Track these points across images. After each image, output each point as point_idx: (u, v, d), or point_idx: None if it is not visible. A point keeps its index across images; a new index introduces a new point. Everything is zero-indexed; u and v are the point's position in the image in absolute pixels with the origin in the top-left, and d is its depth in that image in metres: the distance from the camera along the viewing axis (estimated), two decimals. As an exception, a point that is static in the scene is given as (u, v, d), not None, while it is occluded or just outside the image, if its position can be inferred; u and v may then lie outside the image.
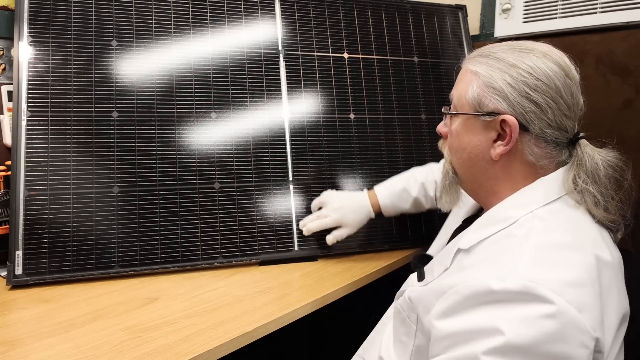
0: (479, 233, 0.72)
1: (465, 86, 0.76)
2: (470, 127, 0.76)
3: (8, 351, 0.75)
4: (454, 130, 0.79)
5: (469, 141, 0.77)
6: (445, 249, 0.80)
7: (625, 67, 1.30)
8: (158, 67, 1.16)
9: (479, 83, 0.74)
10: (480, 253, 0.70)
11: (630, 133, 1.29)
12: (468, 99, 0.75)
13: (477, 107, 0.74)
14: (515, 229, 0.68)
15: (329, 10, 1.36)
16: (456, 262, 0.74)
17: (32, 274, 1.01)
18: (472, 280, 0.63)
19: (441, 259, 0.78)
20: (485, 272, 0.63)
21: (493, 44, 0.78)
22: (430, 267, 0.81)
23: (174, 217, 1.11)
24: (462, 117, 0.77)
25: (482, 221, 0.75)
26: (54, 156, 1.06)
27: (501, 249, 0.67)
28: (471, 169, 0.78)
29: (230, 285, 1.02)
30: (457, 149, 0.79)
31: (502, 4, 1.48)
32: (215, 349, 0.77)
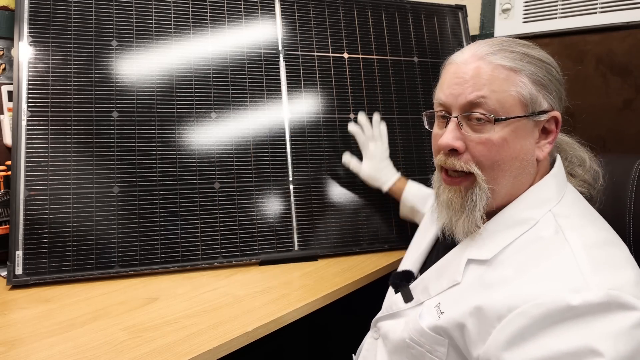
0: (497, 240, 0.66)
1: (507, 85, 0.65)
2: (521, 131, 0.66)
3: (8, 351, 0.75)
4: (499, 139, 0.65)
5: (521, 147, 0.67)
6: (443, 262, 0.73)
7: (625, 67, 1.30)
8: (158, 67, 1.16)
9: (526, 80, 0.66)
10: (510, 262, 0.63)
11: (630, 133, 1.29)
12: (524, 99, 0.65)
13: (531, 107, 0.66)
14: (539, 231, 0.64)
15: (329, 10, 1.36)
16: (471, 275, 0.67)
17: (32, 273, 1.01)
18: (539, 297, 0.55)
19: (441, 274, 0.71)
20: (547, 285, 0.56)
21: (488, 39, 0.72)
22: (423, 285, 0.74)
23: (174, 217, 1.11)
24: (513, 122, 0.65)
25: (496, 226, 0.68)
26: (54, 156, 1.06)
27: (539, 255, 0.61)
28: (518, 177, 0.68)
29: (230, 285, 1.02)
30: (504, 160, 0.66)
31: (502, 4, 1.48)
32: (215, 349, 0.77)
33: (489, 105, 0.65)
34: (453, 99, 0.68)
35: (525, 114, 0.66)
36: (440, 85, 0.72)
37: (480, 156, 0.67)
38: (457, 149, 0.68)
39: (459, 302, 0.66)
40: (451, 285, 0.69)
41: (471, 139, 0.67)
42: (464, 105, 0.67)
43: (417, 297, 0.75)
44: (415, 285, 0.76)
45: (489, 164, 0.66)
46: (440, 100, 0.71)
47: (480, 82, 0.66)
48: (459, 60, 0.70)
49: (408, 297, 0.76)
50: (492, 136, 0.65)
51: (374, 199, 1.28)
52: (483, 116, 0.65)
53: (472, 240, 0.70)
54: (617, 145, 1.31)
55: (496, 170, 0.66)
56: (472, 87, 0.66)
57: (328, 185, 1.26)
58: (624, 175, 0.87)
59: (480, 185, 0.67)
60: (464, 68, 0.68)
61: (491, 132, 0.66)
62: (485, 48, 0.68)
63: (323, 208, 1.24)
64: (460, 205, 0.69)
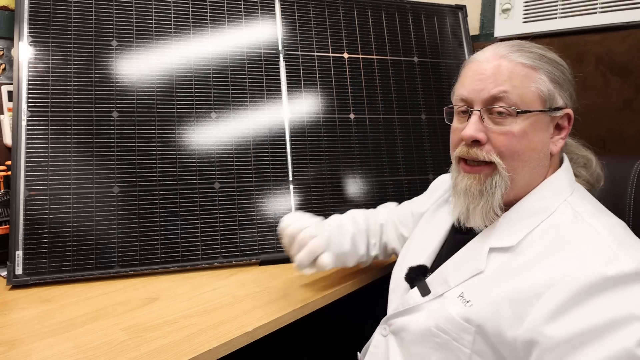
0: (518, 228, 0.70)
1: (527, 81, 0.71)
2: (539, 125, 0.71)
3: (8, 351, 0.75)
4: (520, 131, 0.70)
5: (539, 140, 0.72)
6: (463, 253, 0.75)
7: (625, 67, 1.30)
8: (158, 67, 1.16)
9: (545, 78, 0.71)
10: (535, 247, 0.67)
11: (630, 133, 1.29)
12: (543, 95, 0.71)
13: (548, 103, 0.71)
14: (558, 217, 0.69)
15: (329, 10, 1.36)
16: (495, 263, 0.70)
17: (32, 273, 1.01)
18: (575, 272, 0.59)
19: (461, 265, 0.73)
20: (581, 261, 0.60)
21: (506, 41, 0.77)
22: (441, 277, 0.75)
23: (174, 217, 1.11)
24: (532, 115, 0.70)
25: (515, 215, 0.72)
26: (54, 156, 1.06)
27: (565, 237, 0.65)
28: (535, 169, 0.73)
29: (230, 285, 1.02)
30: (524, 151, 0.71)
31: (502, 4, 1.48)
32: (215, 349, 0.77)
33: (511, 99, 0.70)
34: (475, 94, 0.72)
35: (544, 109, 0.71)
36: (462, 82, 0.76)
37: (501, 146, 0.70)
38: (479, 140, 0.71)
39: (487, 289, 0.68)
40: (474, 274, 0.71)
41: (493, 131, 0.71)
42: (487, 100, 0.71)
43: (435, 289, 0.75)
44: (432, 279, 0.77)
45: (509, 154, 0.70)
46: (462, 96, 0.75)
47: (502, 78, 0.71)
48: (480, 58, 0.74)
49: (425, 291, 0.76)
50: (512, 128, 0.70)
51: (373, 199, 1.28)
52: (504, 109, 0.70)
53: (492, 231, 0.73)
54: (617, 145, 1.30)
55: (516, 160, 0.70)
56: (494, 83, 0.71)
57: (328, 185, 1.26)
58: (623, 176, 0.87)
59: (500, 173, 0.70)
60: (485, 65, 0.72)
61: (512, 125, 0.70)
62: (505, 48, 0.73)
63: (323, 208, 1.24)
64: (478, 192, 0.72)
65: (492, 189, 0.71)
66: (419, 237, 0.92)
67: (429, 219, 0.93)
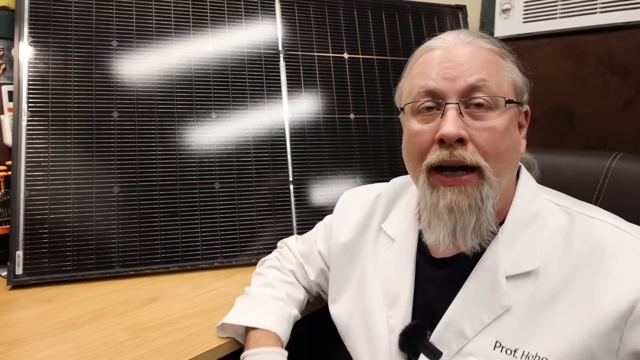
0: (527, 245, 0.60)
1: (501, 70, 0.62)
2: (515, 120, 0.62)
3: (8, 351, 0.75)
4: (503, 126, 0.59)
5: (516, 137, 0.63)
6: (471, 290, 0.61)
7: (625, 67, 1.30)
8: (158, 67, 1.16)
9: (514, 67, 0.63)
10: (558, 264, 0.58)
11: (630, 133, 1.29)
12: (517, 86, 0.63)
13: (520, 96, 0.63)
14: (553, 220, 0.62)
15: (329, 10, 1.36)
16: (519, 293, 0.58)
17: (32, 273, 1.01)
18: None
19: (474, 306, 0.60)
20: (634, 267, 0.54)
21: (453, 30, 0.67)
22: (453, 330, 0.61)
23: (174, 217, 1.11)
24: (511, 109, 0.61)
25: (513, 230, 0.62)
26: (55, 156, 1.06)
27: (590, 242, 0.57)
28: (513, 172, 0.63)
29: (230, 285, 1.02)
30: (507, 150, 0.60)
31: (502, 4, 1.48)
32: (215, 349, 0.77)
33: (490, 89, 0.59)
34: (447, 83, 0.60)
35: (517, 101, 0.62)
36: (422, 74, 0.63)
37: (486, 145, 0.58)
38: (463, 139, 0.58)
39: (534, 329, 0.57)
40: (498, 314, 0.58)
41: (475, 127, 0.59)
42: (464, 90, 0.59)
43: (448, 348, 0.61)
44: (438, 335, 0.62)
45: (494, 154, 0.59)
46: (428, 88, 0.61)
47: (478, 64, 0.60)
48: (444, 45, 0.63)
49: (436, 354, 0.61)
50: (495, 123, 0.59)
51: (374, 199, 1.28)
52: (485, 101, 0.59)
53: (493, 253, 0.61)
54: (617, 145, 1.31)
55: (500, 161, 0.60)
56: (471, 70, 0.59)
57: (328, 185, 1.26)
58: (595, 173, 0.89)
59: (489, 180, 0.58)
60: (454, 52, 0.61)
61: (494, 119, 0.59)
62: (467, 35, 0.64)
63: (323, 208, 1.24)
64: (468, 207, 0.59)
65: (482, 201, 0.58)
66: (371, 281, 0.73)
67: (367, 253, 0.77)
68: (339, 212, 0.87)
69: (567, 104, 1.39)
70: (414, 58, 0.68)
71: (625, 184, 0.85)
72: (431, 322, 0.64)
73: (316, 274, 0.87)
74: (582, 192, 0.88)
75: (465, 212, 0.59)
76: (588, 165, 0.91)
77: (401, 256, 0.71)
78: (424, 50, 0.66)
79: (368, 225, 0.80)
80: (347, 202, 0.87)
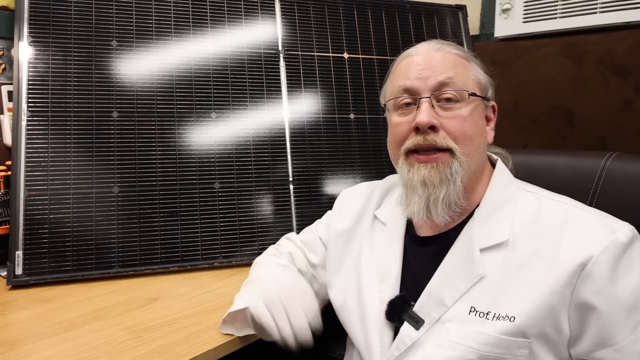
0: (498, 222, 0.69)
1: (466, 70, 0.74)
2: (480, 112, 0.74)
3: (8, 351, 0.75)
4: (467, 115, 0.71)
5: (482, 126, 0.74)
6: (447, 265, 0.69)
7: (625, 67, 1.30)
8: (158, 67, 1.16)
9: (478, 68, 0.76)
10: (526, 237, 0.67)
11: (630, 133, 1.29)
12: (481, 84, 0.75)
13: (485, 92, 0.75)
14: (523, 204, 0.71)
15: (329, 10, 1.36)
16: (492, 263, 0.66)
17: (32, 274, 1.01)
18: (598, 246, 0.61)
19: (452, 277, 0.68)
20: (593, 236, 0.63)
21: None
22: (433, 300, 0.68)
23: (174, 217, 1.11)
24: (475, 101, 0.73)
25: (487, 210, 0.71)
26: (54, 156, 1.06)
27: (554, 218, 0.67)
28: (481, 157, 0.74)
29: (230, 285, 1.02)
30: (474, 135, 0.71)
31: (502, 4, 1.48)
32: (215, 349, 0.77)
33: (457, 84, 0.71)
34: (421, 82, 0.72)
35: (481, 95, 0.74)
36: (402, 75, 0.75)
37: (455, 130, 0.70)
38: (434, 126, 0.69)
39: (505, 293, 0.64)
40: (473, 282, 0.66)
41: (445, 116, 0.70)
42: (435, 86, 0.71)
43: (429, 316, 0.68)
44: (420, 305, 0.69)
45: (462, 137, 0.70)
46: (405, 86, 0.73)
47: (445, 65, 0.72)
48: (418, 52, 0.76)
49: (418, 322, 0.68)
50: (462, 112, 0.70)
51: (374, 199, 1.28)
52: (452, 95, 0.71)
53: (470, 230, 0.70)
54: (617, 145, 1.30)
55: (469, 144, 0.70)
56: (440, 70, 0.72)
57: (328, 185, 1.26)
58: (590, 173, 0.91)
59: (458, 158, 0.69)
60: (427, 56, 0.74)
61: (461, 110, 0.71)
62: (436, 43, 0.76)
63: (323, 208, 1.24)
64: (439, 180, 0.68)
65: (452, 175, 0.68)
66: (365, 261, 0.81)
67: (362, 238, 0.84)
68: (337, 206, 0.95)
69: (567, 104, 1.39)
70: (395, 64, 0.80)
71: (620, 183, 0.87)
72: (416, 294, 0.71)
73: (320, 259, 0.93)
74: (578, 191, 0.88)
75: (436, 185, 0.69)
76: (583, 165, 0.92)
77: (391, 237, 0.80)
78: (402, 57, 0.78)
79: (363, 214, 0.88)
80: (345, 197, 0.96)
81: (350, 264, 0.84)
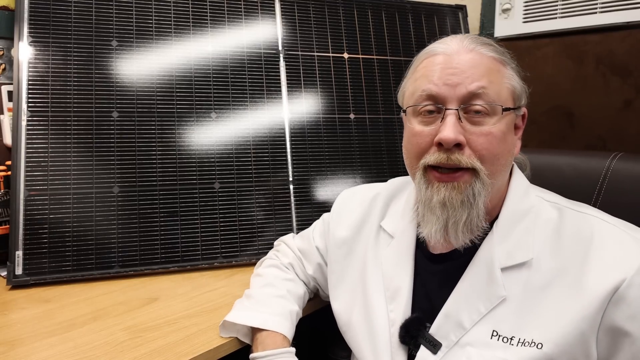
0: (520, 238, 0.64)
1: (501, 77, 0.65)
2: (511, 125, 0.66)
3: (8, 351, 0.75)
4: (499, 132, 0.63)
5: (512, 141, 0.66)
6: (468, 283, 0.64)
7: (625, 67, 1.30)
8: (158, 67, 1.16)
9: (514, 74, 0.66)
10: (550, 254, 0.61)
11: (630, 133, 1.29)
12: (515, 92, 0.66)
13: (518, 100, 0.67)
14: (543, 214, 0.65)
15: (329, 10, 1.36)
16: (514, 284, 0.62)
17: (32, 274, 1.01)
18: (631, 268, 0.56)
19: (471, 298, 0.63)
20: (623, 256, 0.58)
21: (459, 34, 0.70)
22: (452, 322, 0.64)
23: (174, 217, 1.11)
24: (508, 115, 0.64)
25: (507, 223, 0.65)
26: (54, 156, 1.06)
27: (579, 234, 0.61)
28: (507, 173, 0.67)
29: (230, 285, 1.02)
30: (503, 153, 0.64)
31: (502, 4, 1.48)
32: (215, 349, 0.77)
33: (489, 96, 0.62)
34: (449, 89, 0.63)
35: (514, 107, 0.66)
36: (426, 77, 0.66)
37: (482, 150, 0.62)
38: (460, 143, 0.62)
39: (529, 317, 0.60)
40: (495, 304, 0.62)
41: (472, 132, 0.62)
42: (464, 96, 0.62)
43: (447, 339, 0.63)
44: (437, 327, 0.65)
45: (490, 157, 0.62)
46: (430, 92, 0.64)
47: (479, 72, 0.63)
48: (447, 51, 0.65)
49: (436, 346, 0.63)
50: (492, 129, 0.62)
51: (374, 199, 1.28)
52: (483, 108, 0.62)
53: (489, 247, 0.65)
54: (617, 145, 1.30)
55: (496, 164, 0.63)
56: (472, 78, 0.62)
57: (328, 185, 1.26)
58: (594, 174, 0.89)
59: (482, 180, 0.62)
60: (457, 58, 0.64)
61: (491, 125, 0.62)
62: (470, 41, 0.66)
63: (323, 208, 1.24)
64: (460, 203, 0.62)
65: (474, 197, 0.62)
66: (371, 276, 0.75)
67: (366, 249, 0.79)
68: (337, 209, 0.89)
69: (567, 104, 1.39)
70: (418, 60, 0.70)
71: (625, 183, 0.86)
72: (430, 315, 0.66)
73: (314, 269, 0.89)
74: (582, 192, 0.88)
75: (457, 207, 0.62)
76: (587, 165, 0.91)
77: (400, 252, 0.73)
78: (428, 53, 0.68)
79: (366, 222, 0.82)
80: (345, 200, 0.89)
81: (354, 278, 0.79)
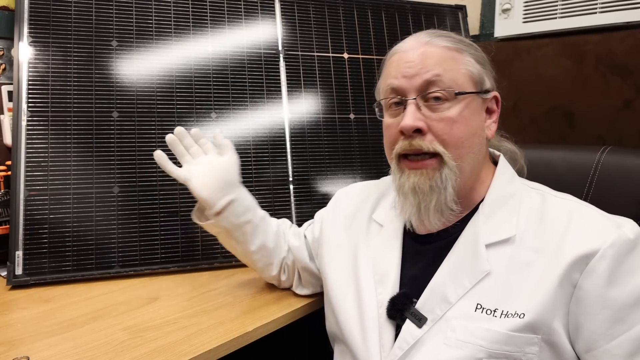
0: (505, 218, 0.68)
1: (456, 64, 0.69)
2: (474, 108, 0.70)
3: (8, 351, 0.75)
4: (458, 115, 0.67)
5: (477, 124, 0.70)
6: (451, 262, 0.68)
7: (625, 67, 1.30)
8: (158, 67, 1.16)
9: (472, 60, 0.71)
10: (532, 233, 0.66)
11: (630, 133, 1.29)
12: (473, 77, 0.70)
13: (480, 85, 0.71)
14: (527, 200, 0.70)
15: (329, 10, 1.36)
16: (498, 259, 0.65)
17: (32, 274, 1.01)
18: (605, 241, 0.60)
19: (457, 273, 0.67)
20: (599, 231, 0.62)
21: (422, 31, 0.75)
22: (437, 297, 0.67)
23: (174, 217, 1.11)
24: (467, 99, 0.68)
25: (493, 205, 0.70)
26: (54, 156, 1.06)
27: (560, 215, 0.66)
28: (477, 155, 0.71)
29: (230, 285, 1.02)
30: (467, 136, 0.68)
31: (502, 4, 1.48)
32: (215, 349, 0.77)
33: (445, 82, 0.67)
34: (407, 81, 0.69)
35: (476, 91, 0.70)
36: (389, 74, 0.73)
37: (443, 134, 0.67)
38: (421, 129, 0.67)
39: (514, 289, 0.63)
40: (479, 279, 0.65)
41: (432, 118, 0.68)
42: (421, 86, 0.68)
43: (433, 313, 0.67)
44: (423, 302, 0.68)
45: (452, 141, 0.67)
46: (392, 86, 0.71)
47: (432, 62, 0.68)
48: (404, 48, 0.72)
49: (421, 319, 0.67)
50: (450, 113, 0.67)
51: (374, 199, 1.28)
52: (440, 94, 0.67)
53: (475, 226, 0.69)
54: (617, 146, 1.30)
55: (460, 147, 0.68)
56: (425, 68, 0.68)
57: (328, 185, 1.26)
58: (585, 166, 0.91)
59: (448, 164, 0.67)
60: (412, 53, 0.70)
61: (450, 110, 0.67)
62: (426, 35, 0.72)
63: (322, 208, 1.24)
64: (429, 188, 0.67)
65: (442, 182, 0.67)
66: (362, 263, 0.79)
67: (357, 239, 0.83)
68: (332, 205, 0.95)
69: (567, 104, 1.39)
70: (385, 59, 0.77)
71: (614, 176, 0.88)
72: (417, 293, 0.70)
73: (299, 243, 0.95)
74: (574, 185, 0.89)
75: (427, 192, 0.68)
76: (578, 159, 0.93)
77: (388, 238, 0.78)
78: (392, 53, 0.75)
79: (358, 214, 0.87)
80: (340, 197, 0.95)
81: (346, 265, 0.83)
